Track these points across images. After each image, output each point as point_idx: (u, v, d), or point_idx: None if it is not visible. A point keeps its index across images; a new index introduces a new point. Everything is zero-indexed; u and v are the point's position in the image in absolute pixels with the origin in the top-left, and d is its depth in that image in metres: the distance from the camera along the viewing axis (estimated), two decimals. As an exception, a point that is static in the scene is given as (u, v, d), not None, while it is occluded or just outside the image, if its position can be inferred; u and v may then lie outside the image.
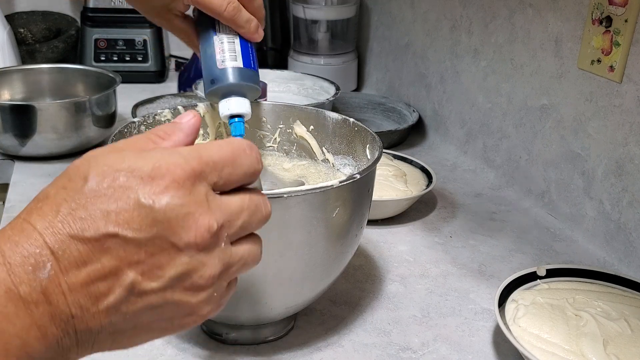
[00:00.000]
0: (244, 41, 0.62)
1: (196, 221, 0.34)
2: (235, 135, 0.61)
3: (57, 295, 0.32)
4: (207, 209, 0.35)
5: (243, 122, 0.62)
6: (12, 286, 0.31)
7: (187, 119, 0.40)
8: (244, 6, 0.61)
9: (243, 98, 0.62)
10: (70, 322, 0.33)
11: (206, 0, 0.58)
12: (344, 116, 0.73)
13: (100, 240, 0.33)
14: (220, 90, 0.61)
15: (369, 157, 0.70)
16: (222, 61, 0.60)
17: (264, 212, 0.40)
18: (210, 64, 0.60)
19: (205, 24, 0.61)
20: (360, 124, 0.72)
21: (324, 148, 0.76)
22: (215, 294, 0.37)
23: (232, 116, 0.61)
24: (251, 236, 0.40)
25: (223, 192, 0.37)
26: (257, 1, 0.62)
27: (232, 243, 0.38)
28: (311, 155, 0.76)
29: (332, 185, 0.56)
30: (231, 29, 0.61)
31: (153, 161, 0.35)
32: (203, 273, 0.35)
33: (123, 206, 0.33)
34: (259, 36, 0.62)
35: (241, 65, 0.61)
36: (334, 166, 0.75)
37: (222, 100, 0.62)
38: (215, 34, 0.61)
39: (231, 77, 0.60)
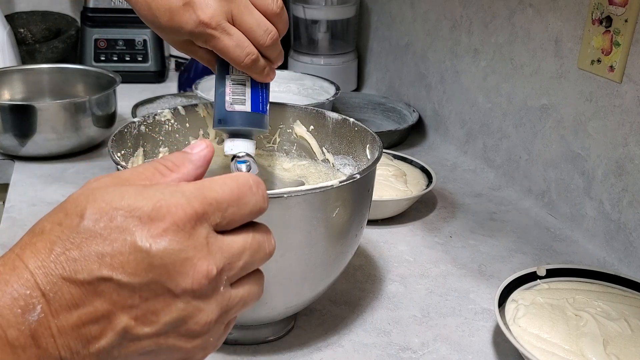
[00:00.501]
0: (256, 82, 0.62)
1: (194, 267, 0.33)
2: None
3: (47, 338, 0.31)
4: (206, 253, 0.34)
5: (245, 162, 0.62)
6: (0, 330, 0.30)
7: (198, 149, 0.38)
8: (264, 52, 0.60)
9: (248, 140, 0.63)
10: None
11: (225, 50, 0.58)
12: (344, 116, 0.73)
13: (93, 283, 0.32)
14: (225, 131, 0.62)
15: (369, 157, 0.70)
16: (231, 103, 0.61)
17: (267, 250, 0.38)
18: (220, 103, 0.61)
19: (221, 61, 0.62)
20: (360, 124, 0.72)
21: (324, 148, 0.76)
22: (211, 339, 0.36)
23: (235, 156, 0.62)
24: (253, 273, 0.38)
25: (225, 231, 0.36)
26: (277, 49, 0.61)
27: (232, 284, 0.37)
28: (311, 155, 0.76)
29: (332, 185, 0.56)
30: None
31: (154, 201, 0.33)
32: (199, 319, 0.34)
33: (119, 249, 0.32)
34: (270, 79, 0.63)
35: (249, 110, 0.62)
36: (334, 166, 0.75)
37: (227, 140, 0.63)
38: (228, 74, 0.62)
39: (237, 121, 0.62)
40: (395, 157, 1.02)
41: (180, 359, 0.35)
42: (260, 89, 0.63)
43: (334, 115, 0.74)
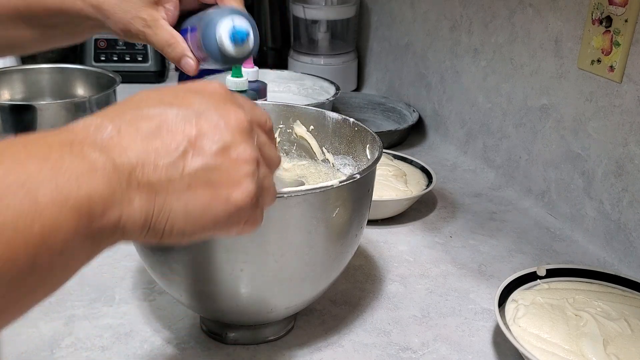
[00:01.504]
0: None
1: (234, 110, 0.40)
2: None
3: (120, 149, 0.35)
4: (239, 106, 0.41)
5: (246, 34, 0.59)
6: (77, 141, 0.34)
7: None
8: None
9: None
10: (133, 175, 0.35)
11: None
12: (344, 116, 0.73)
13: (158, 107, 0.38)
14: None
15: (369, 157, 0.70)
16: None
17: (275, 155, 0.45)
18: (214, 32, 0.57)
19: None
20: (360, 124, 0.72)
21: (323, 148, 0.76)
22: (256, 176, 0.40)
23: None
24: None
25: None
26: None
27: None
28: (311, 155, 0.76)
29: (332, 185, 0.56)
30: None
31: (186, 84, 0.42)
32: (245, 148, 0.40)
33: (175, 92, 0.40)
34: None
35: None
36: (334, 166, 0.75)
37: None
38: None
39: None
40: (395, 157, 1.02)
41: (234, 182, 0.39)
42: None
43: (334, 115, 0.74)
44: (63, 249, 0.31)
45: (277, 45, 1.52)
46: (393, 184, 0.92)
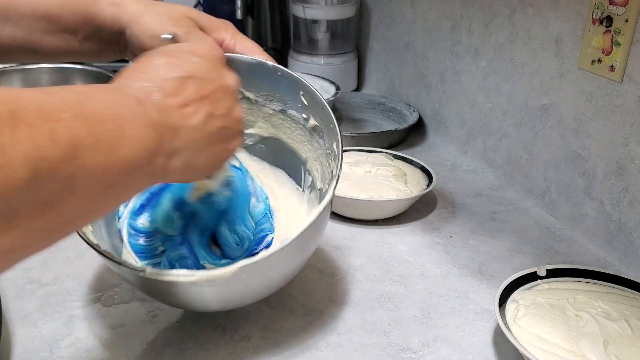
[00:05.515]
0: None
1: (227, 74, 0.52)
2: None
3: (166, 113, 0.45)
4: (228, 69, 0.53)
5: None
6: (139, 99, 0.43)
7: None
8: None
9: None
10: (173, 132, 0.45)
11: None
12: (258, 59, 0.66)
13: (182, 79, 0.47)
14: None
15: (305, 102, 0.67)
16: None
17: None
18: None
19: None
20: (286, 69, 0.67)
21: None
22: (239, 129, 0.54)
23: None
24: None
25: None
26: None
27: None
28: None
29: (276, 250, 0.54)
30: None
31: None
32: (239, 108, 0.52)
33: (177, 55, 0.50)
34: None
35: None
36: (257, 102, 0.73)
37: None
38: None
39: None
40: (395, 157, 1.02)
41: (233, 136, 0.51)
42: None
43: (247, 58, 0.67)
44: (146, 163, 0.41)
45: (277, 45, 1.52)
46: (393, 184, 0.92)
